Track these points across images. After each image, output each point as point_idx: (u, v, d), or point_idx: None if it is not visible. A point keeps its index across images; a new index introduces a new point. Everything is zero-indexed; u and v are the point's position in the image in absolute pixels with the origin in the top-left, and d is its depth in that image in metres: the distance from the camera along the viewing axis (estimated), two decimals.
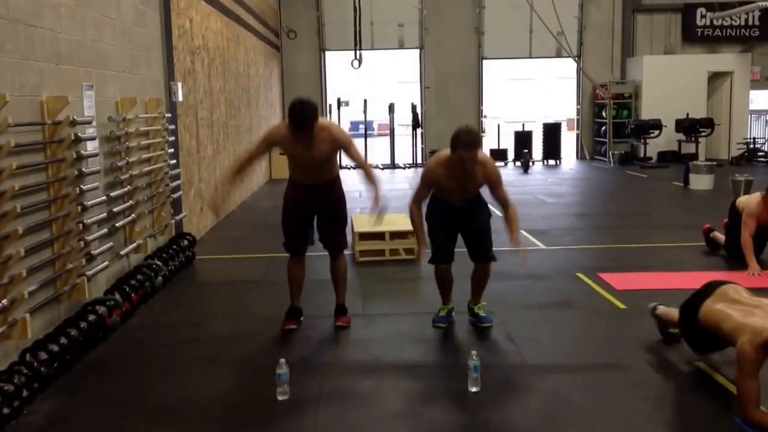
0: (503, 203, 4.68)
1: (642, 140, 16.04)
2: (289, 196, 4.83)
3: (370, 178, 4.67)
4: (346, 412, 3.61)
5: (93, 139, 4.92)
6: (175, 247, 6.52)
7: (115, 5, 5.69)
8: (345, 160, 4.78)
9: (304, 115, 4.36)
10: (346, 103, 16.70)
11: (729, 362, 3.94)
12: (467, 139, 4.36)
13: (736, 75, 16.72)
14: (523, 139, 16.95)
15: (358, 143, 19.49)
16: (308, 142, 4.47)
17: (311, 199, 4.74)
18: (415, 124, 17.14)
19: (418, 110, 17.25)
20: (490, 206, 4.85)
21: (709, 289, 3.93)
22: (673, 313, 4.34)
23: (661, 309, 4.52)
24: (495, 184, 4.63)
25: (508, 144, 17.29)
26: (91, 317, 4.49)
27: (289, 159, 4.72)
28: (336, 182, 4.81)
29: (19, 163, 3.87)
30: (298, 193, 4.76)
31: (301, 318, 4.95)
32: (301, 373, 3.97)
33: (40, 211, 4.21)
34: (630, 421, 3.45)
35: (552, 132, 17.38)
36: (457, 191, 4.64)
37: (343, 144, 4.63)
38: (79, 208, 4.59)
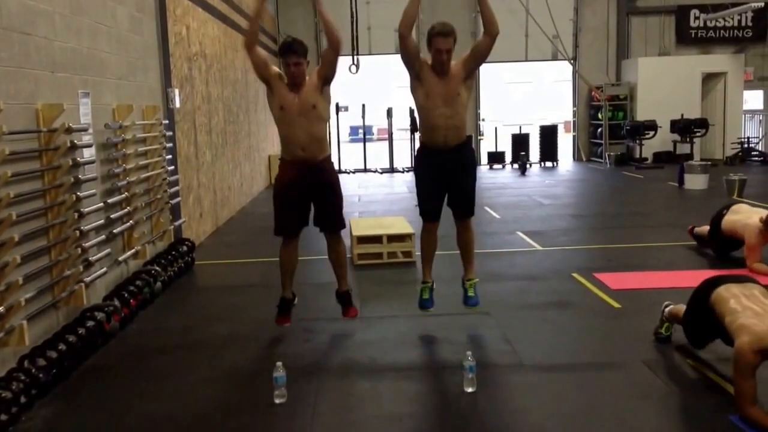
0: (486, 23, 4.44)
1: (637, 141, 16.10)
2: (282, 177, 4.70)
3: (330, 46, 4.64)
4: (343, 414, 3.64)
5: (89, 146, 4.95)
6: (174, 252, 6.55)
7: (111, 13, 5.73)
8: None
9: (293, 40, 4.46)
10: (345, 108, 16.75)
11: (723, 359, 3.97)
12: (442, 28, 4.37)
13: (730, 76, 16.78)
14: (520, 142, 17.00)
15: (358, 148, 19.24)
16: (297, 74, 4.46)
17: (304, 180, 4.60)
18: (414, 128, 17.18)
19: (416, 114, 17.26)
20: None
21: (730, 277, 3.95)
22: (680, 309, 4.33)
23: (670, 308, 4.50)
24: (474, 50, 4.54)
25: (506, 146, 17.35)
26: (90, 323, 4.51)
27: (280, 119, 4.58)
28: (328, 163, 4.71)
29: (15, 171, 3.90)
30: (291, 173, 4.62)
31: (295, 301, 4.89)
32: (298, 376, 3.99)
33: (36, 218, 4.23)
34: (626, 420, 3.46)
35: (549, 134, 17.43)
36: (440, 95, 4.52)
37: (324, 57, 4.66)
38: (76, 215, 4.61)
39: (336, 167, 4.80)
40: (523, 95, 35.95)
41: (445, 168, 4.61)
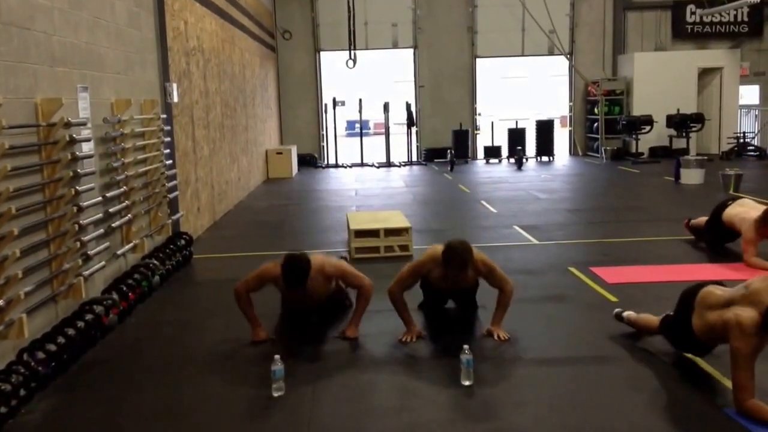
0: (500, 288, 4.68)
1: (634, 136, 16.14)
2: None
3: (361, 298, 4.67)
4: (340, 406, 3.66)
5: (88, 140, 4.96)
6: (172, 246, 6.57)
7: (109, 8, 5.73)
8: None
9: (296, 276, 4.38)
10: (342, 103, 16.76)
11: (718, 353, 4.01)
12: (460, 261, 4.35)
13: (726, 71, 16.83)
14: (516, 136, 17.03)
15: (354, 142, 19.25)
16: (302, 292, 4.54)
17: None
18: (410, 123, 17.22)
19: (413, 109, 17.33)
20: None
21: (687, 303, 3.88)
22: (647, 319, 4.36)
23: (631, 315, 4.52)
24: (490, 276, 4.67)
25: (502, 141, 17.37)
26: (89, 317, 4.53)
27: (283, 297, 4.86)
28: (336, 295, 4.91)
29: (14, 165, 3.92)
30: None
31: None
32: (296, 369, 4.02)
33: (35, 212, 4.25)
34: (622, 413, 3.50)
35: (545, 129, 17.46)
36: (449, 287, 4.76)
37: (338, 276, 4.75)
38: (75, 208, 4.63)
39: (341, 260, 5.05)
40: (520, 90, 35.94)
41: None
